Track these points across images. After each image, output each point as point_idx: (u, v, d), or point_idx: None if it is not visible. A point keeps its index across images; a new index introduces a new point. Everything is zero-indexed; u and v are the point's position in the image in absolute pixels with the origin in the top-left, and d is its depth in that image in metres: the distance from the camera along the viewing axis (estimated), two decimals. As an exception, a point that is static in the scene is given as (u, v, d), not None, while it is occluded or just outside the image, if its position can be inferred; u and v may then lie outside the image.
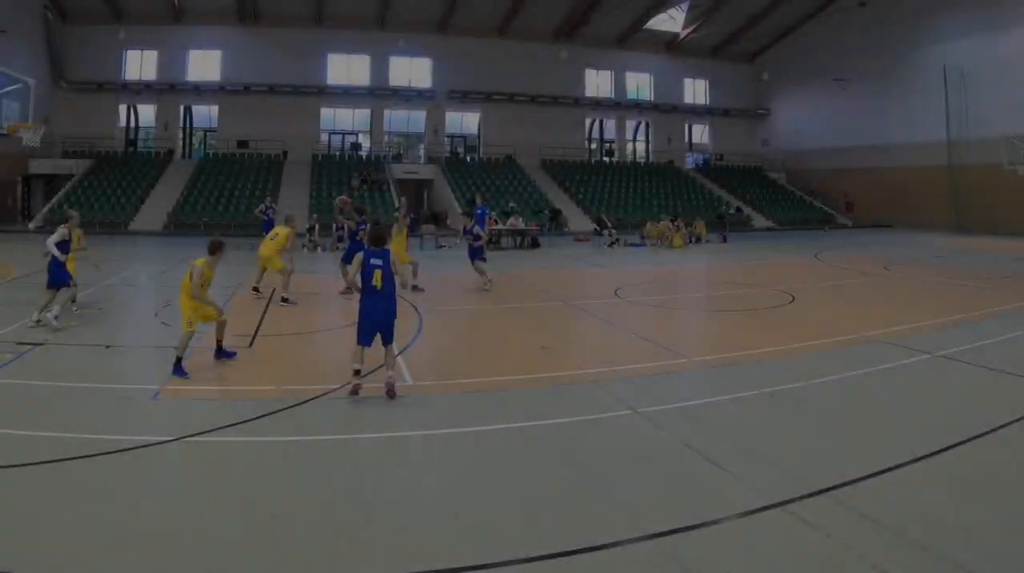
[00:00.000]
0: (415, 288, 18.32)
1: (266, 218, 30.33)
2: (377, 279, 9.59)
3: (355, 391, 9.31)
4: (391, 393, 9.26)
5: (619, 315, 16.33)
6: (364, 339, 9.65)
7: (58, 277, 13.71)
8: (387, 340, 9.69)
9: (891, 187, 51.80)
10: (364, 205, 24.64)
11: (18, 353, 11.53)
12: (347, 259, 17.64)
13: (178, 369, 10.35)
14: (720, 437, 7.98)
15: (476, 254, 19.44)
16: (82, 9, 49.52)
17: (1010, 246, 34.85)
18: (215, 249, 11.50)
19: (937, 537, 5.68)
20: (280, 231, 17.66)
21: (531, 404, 9.32)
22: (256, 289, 17.74)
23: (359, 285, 9.75)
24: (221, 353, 11.34)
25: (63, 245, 13.84)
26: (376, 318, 9.66)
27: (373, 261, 9.63)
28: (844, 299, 19.00)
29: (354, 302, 10.48)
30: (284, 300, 16.75)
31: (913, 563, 5.33)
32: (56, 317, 13.10)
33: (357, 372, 9.47)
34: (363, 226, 18.25)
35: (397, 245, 18.12)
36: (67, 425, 8.15)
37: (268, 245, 17.51)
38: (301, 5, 51.91)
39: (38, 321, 13.14)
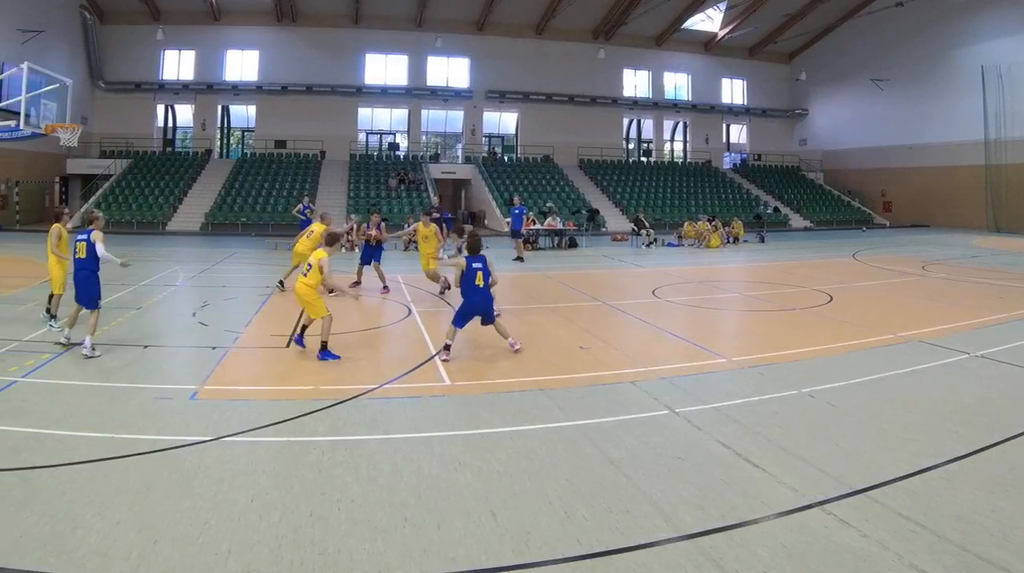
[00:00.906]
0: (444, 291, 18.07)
1: (304, 218, 30.44)
2: (479, 279, 11.93)
3: (445, 358, 11.44)
4: (517, 349, 12.11)
5: (657, 315, 16.30)
6: (460, 323, 11.96)
7: (92, 292, 12.06)
8: (490, 321, 12.24)
9: (928, 187, 51.49)
10: (463, 226, 24.52)
11: (56, 353, 11.65)
12: (367, 261, 18.85)
13: (326, 353, 11.50)
14: (758, 437, 7.98)
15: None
16: (120, 9, 50.10)
17: (1051, 246, 34.28)
18: (332, 241, 13.02)
19: (975, 537, 5.67)
20: (316, 228, 17.80)
21: (569, 404, 9.30)
22: (282, 283, 17.96)
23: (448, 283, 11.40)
24: (325, 354, 11.61)
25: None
26: (481, 307, 12.09)
27: (474, 265, 11.99)
28: (882, 299, 18.80)
29: (390, 302, 10.60)
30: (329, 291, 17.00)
31: (951, 563, 5.32)
32: (93, 347, 11.43)
33: (447, 347, 11.69)
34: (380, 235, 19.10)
35: (428, 247, 18.19)
36: (105, 425, 8.27)
37: (304, 242, 17.68)
38: (339, 5, 52.16)
39: (67, 339, 12.05)
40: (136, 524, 5.87)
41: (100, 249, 11.98)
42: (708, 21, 57.25)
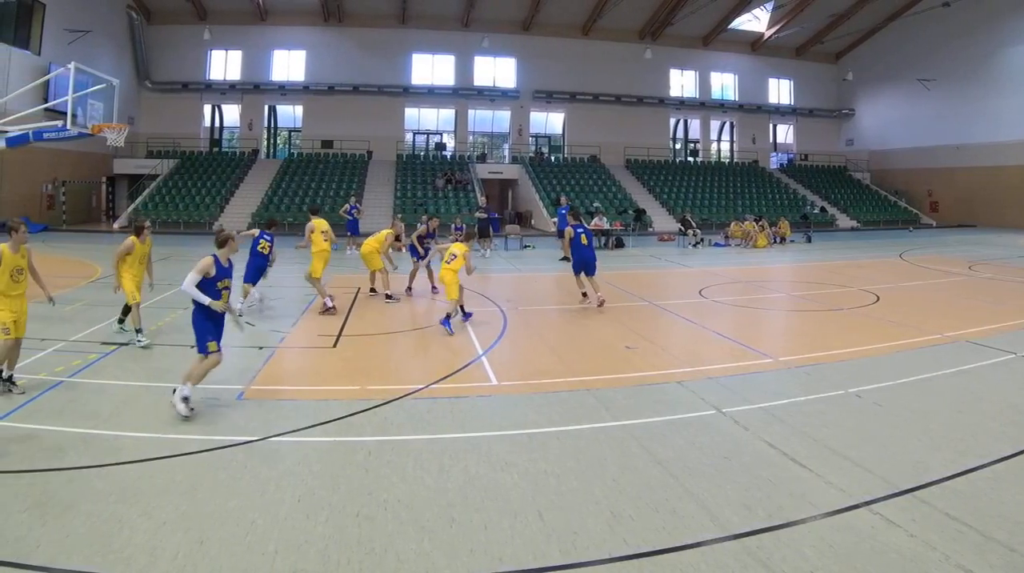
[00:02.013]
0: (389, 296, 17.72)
1: (351, 218, 30.58)
2: (584, 239, 16.64)
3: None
4: (603, 305, 16.06)
5: (704, 315, 16.22)
6: (578, 271, 16.80)
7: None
8: (592, 273, 16.61)
9: (975, 187, 50.73)
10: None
11: (103, 353, 11.75)
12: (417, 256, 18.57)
13: (447, 321, 13.65)
14: (805, 437, 7.96)
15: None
16: (166, 9, 50.42)
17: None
18: (470, 237, 15.92)
19: (1022, 537, 5.64)
20: (383, 232, 17.91)
21: (616, 404, 9.30)
22: (389, 296, 17.85)
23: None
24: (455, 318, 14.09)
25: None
26: (588, 259, 16.60)
27: (579, 230, 16.71)
28: (928, 299, 18.60)
29: (437, 302, 10.69)
30: (388, 297, 17.22)
31: (998, 563, 5.31)
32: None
33: (585, 294, 16.85)
34: (432, 236, 19.06)
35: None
36: (152, 425, 8.34)
37: (368, 243, 17.80)
38: (386, 5, 52.12)
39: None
40: (183, 524, 5.93)
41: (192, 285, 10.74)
42: (755, 21, 56.81)
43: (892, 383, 10.21)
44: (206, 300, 8.69)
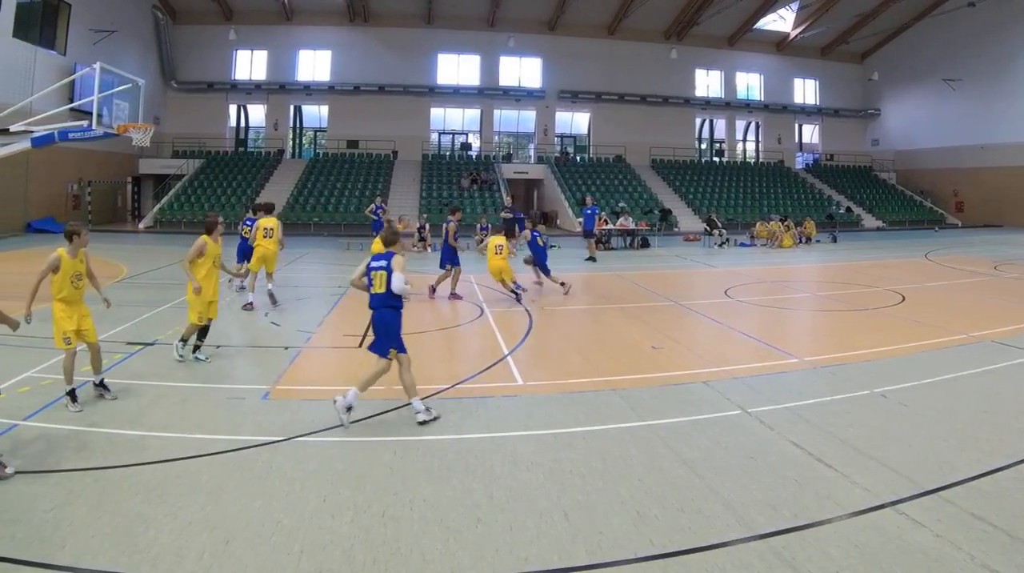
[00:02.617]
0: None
1: (376, 218, 30.47)
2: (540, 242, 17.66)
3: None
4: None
5: (729, 315, 16.17)
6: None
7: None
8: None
9: (1001, 187, 50.26)
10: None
11: (128, 353, 11.73)
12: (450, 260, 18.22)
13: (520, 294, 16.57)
14: (830, 437, 7.93)
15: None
16: (192, 9, 50.67)
17: None
18: (510, 234, 18.36)
19: (1050, 540, 5.60)
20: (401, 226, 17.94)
21: (641, 404, 9.28)
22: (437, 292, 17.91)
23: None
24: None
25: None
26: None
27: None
28: (954, 299, 18.46)
29: (463, 302, 10.69)
30: None
31: (1024, 565, 5.29)
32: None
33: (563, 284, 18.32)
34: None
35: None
36: (177, 425, 8.33)
37: (377, 243, 17.85)
38: (411, 5, 52.09)
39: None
40: (208, 524, 5.92)
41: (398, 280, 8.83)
42: (780, 21, 56.48)
43: (918, 383, 10.14)
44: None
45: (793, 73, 61.16)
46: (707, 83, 59.92)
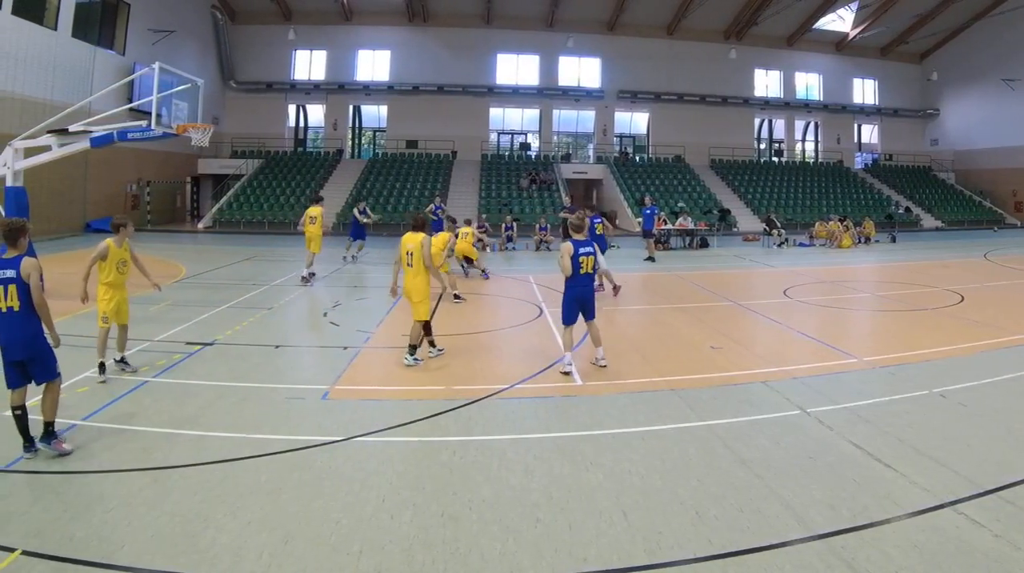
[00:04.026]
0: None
1: (435, 218, 30.59)
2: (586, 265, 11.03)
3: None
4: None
5: (788, 315, 16.08)
6: (569, 317, 11.21)
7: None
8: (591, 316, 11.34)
9: (1061, 187, 48.99)
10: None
11: (188, 353, 11.77)
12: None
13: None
14: (889, 437, 7.87)
15: None
16: (251, 9, 51.09)
17: None
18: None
19: (1112, 543, 5.51)
20: (442, 235, 18.00)
21: (700, 404, 9.26)
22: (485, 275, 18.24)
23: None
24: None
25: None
26: (586, 297, 11.06)
27: (580, 249, 10.79)
28: (1014, 299, 18.11)
29: (521, 302, 10.74)
30: (456, 297, 17.20)
31: (1086, 568, 5.20)
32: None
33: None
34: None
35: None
36: (236, 425, 8.38)
37: (460, 243, 18.01)
38: (470, 5, 52.01)
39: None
40: (268, 524, 5.94)
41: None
42: (839, 21, 55.56)
43: (977, 383, 10.01)
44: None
45: (852, 73, 60.09)
46: (766, 83, 59.19)
